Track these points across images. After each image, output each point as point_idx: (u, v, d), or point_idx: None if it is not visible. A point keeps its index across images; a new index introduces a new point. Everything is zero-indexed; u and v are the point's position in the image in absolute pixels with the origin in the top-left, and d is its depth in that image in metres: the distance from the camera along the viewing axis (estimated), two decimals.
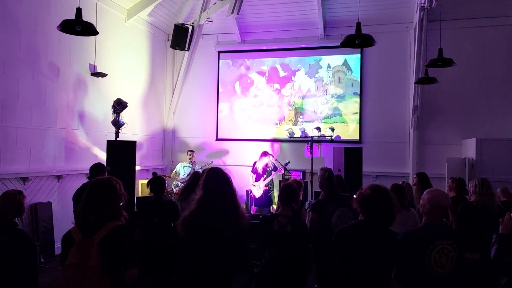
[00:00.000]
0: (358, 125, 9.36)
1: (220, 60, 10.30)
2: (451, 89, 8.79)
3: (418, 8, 8.27)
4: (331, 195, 4.22)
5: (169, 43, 9.65)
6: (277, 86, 9.92)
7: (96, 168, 4.97)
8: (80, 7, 4.81)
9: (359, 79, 9.39)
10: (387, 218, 2.76)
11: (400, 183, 5.38)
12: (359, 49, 9.14)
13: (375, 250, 2.70)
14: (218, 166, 2.90)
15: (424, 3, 7.75)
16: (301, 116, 9.72)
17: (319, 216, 4.06)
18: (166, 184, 5.20)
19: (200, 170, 8.00)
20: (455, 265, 2.72)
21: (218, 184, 2.74)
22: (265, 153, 8.42)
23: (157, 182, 4.61)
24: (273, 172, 8.32)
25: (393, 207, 2.79)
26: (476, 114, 8.73)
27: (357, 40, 5.08)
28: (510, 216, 3.07)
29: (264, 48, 10.01)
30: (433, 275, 2.68)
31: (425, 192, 2.93)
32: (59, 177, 6.90)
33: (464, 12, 8.61)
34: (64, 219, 6.68)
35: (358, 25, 5.10)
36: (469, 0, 8.45)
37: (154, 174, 4.84)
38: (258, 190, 8.20)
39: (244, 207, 8.79)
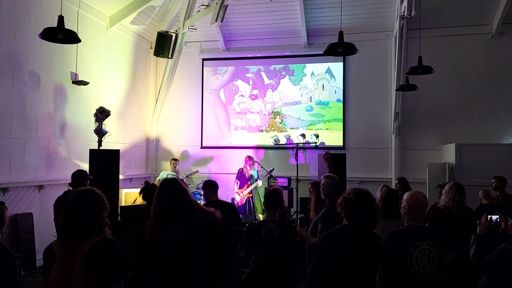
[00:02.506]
0: (341, 131, 9.47)
1: (204, 68, 10.31)
2: (431, 96, 8.98)
3: (398, 17, 8.44)
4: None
5: (152, 50, 9.63)
6: (261, 93, 9.98)
7: (78, 175, 4.91)
8: (62, 15, 4.79)
9: (342, 87, 9.52)
10: (371, 221, 2.81)
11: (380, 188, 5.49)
12: (342, 57, 9.28)
13: (361, 253, 2.73)
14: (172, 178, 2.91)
15: (404, 12, 7.92)
16: (285, 123, 9.78)
17: (331, 227, 3.90)
18: None
19: (185, 179, 7.99)
20: (437, 265, 2.78)
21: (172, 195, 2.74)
22: (249, 158, 8.45)
23: (149, 190, 4.53)
24: (258, 180, 8.35)
25: (377, 210, 2.85)
26: (455, 120, 8.94)
27: (340, 49, 5.16)
28: (486, 218, 3.18)
29: (249, 56, 10.08)
30: (415, 275, 2.74)
31: (405, 194, 3.01)
32: (40, 187, 6.78)
33: (443, 21, 8.85)
34: (45, 230, 6.54)
35: (341, 33, 5.17)
36: (448, 10, 8.68)
37: (147, 182, 4.80)
38: (240, 198, 8.21)
39: None
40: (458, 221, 3.88)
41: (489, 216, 3.27)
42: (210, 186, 4.62)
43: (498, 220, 3.20)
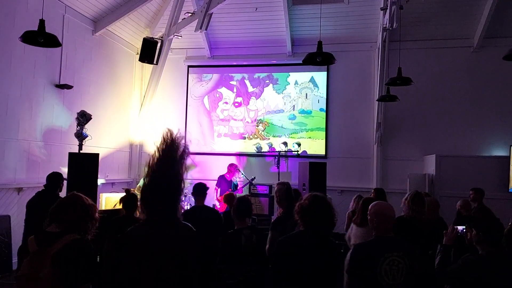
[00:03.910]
0: (324, 140, 9.55)
1: (189, 75, 10.36)
2: (413, 107, 9.11)
3: (381, 29, 8.59)
4: (290, 210, 4.00)
5: (137, 56, 9.65)
6: (245, 101, 10.05)
7: (53, 177, 4.92)
8: (47, 18, 4.82)
9: (325, 96, 9.62)
10: (326, 227, 2.83)
11: (354, 196, 5.56)
12: (326, 67, 9.39)
13: (316, 259, 2.75)
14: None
15: (386, 24, 8.07)
16: (268, 131, 9.85)
17: (280, 234, 3.82)
18: None
19: None
20: (406, 276, 2.81)
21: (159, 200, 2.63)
22: (233, 166, 8.47)
23: (129, 199, 4.59)
24: (238, 187, 8.37)
25: (332, 215, 2.87)
26: (436, 131, 9.07)
27: (318, 58, 5.28)
28: (453, 228, 3.26)
29: (233, 63, 10.15)
30: (384, 287, 2.76)
31: (370, 206, 3.03)
32: (19, 189, 6.72)
33: (424, 33, 9.02)
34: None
35: (320, 43, 5.30)
36: (429, 22, 8.86)
37: (127, 191, 4.84)
38: (221, 205, 8.21)
39: None
40: (423, 230, 3.94)
41: (455, 227, 3.35)
42: (198, 192, 4.65)
43: (464, 230, 3.27)
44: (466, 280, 2.88)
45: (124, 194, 7.47)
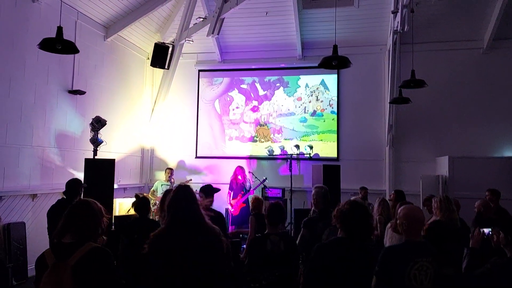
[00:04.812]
0: (336, 143, 9.53)
1: (200, 79, 10.38)
2: (424, 109, 9.08)
3: (392, 32, 8.57)
4: (324, 213, 4.11)
5: (149, 61, 9.69)
6: (256, 104, 10.05)
7: (72, 183, 4.92)
8: (59, 25, 4.83)
9: (336, 98, 9.60)
10: (366, 233, 2.82)
11: (377, 199, 5.51)
12: (336, 70, 9.37)
13: (355, 265, 2.73)
14: (185, 185, 2.81)
15: (397, 27, 8.04)
16: (280, 134, 9.84)
17: (310, 233, 3.96)
18: None
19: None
20: (433, 281, 2.78)
21: (185, 204, 2.64)
22: (241, 168, 8.47)
23: (141, 202, 4.61)
24: (251, 191, 8.35)
25: (371, 222, 2.87)
26: (447, 132, 9.03)
27: (334, 62, 5.24)
28: (479, 231, 3.22)
29: (244, 67, 10.16)
30: None
31: (400, 209, 2.99)
32: (33, 196, 6.74)
33: (435, 35, 9.00)
34: (38, 239, 6.50)
35: (335, 47, 5.25)
36: (440, 25, 8.85)
37: (137, 195, 4.85)
38: (234, 208, 8.19)
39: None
40: (460, 233, 3.91)
41: (481, 230, 3.31)
42: (204, 194, 4.61)
43: (490, 233, 3.23)
44: (496, 284, 2.84)
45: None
